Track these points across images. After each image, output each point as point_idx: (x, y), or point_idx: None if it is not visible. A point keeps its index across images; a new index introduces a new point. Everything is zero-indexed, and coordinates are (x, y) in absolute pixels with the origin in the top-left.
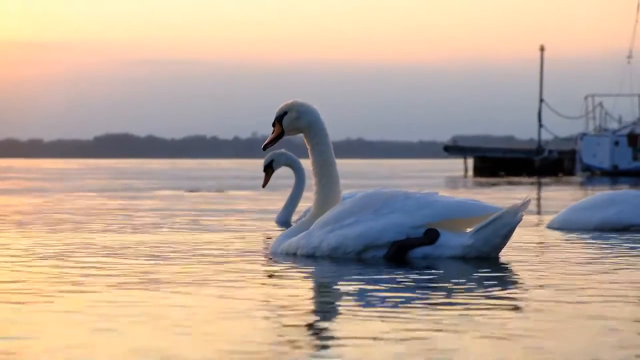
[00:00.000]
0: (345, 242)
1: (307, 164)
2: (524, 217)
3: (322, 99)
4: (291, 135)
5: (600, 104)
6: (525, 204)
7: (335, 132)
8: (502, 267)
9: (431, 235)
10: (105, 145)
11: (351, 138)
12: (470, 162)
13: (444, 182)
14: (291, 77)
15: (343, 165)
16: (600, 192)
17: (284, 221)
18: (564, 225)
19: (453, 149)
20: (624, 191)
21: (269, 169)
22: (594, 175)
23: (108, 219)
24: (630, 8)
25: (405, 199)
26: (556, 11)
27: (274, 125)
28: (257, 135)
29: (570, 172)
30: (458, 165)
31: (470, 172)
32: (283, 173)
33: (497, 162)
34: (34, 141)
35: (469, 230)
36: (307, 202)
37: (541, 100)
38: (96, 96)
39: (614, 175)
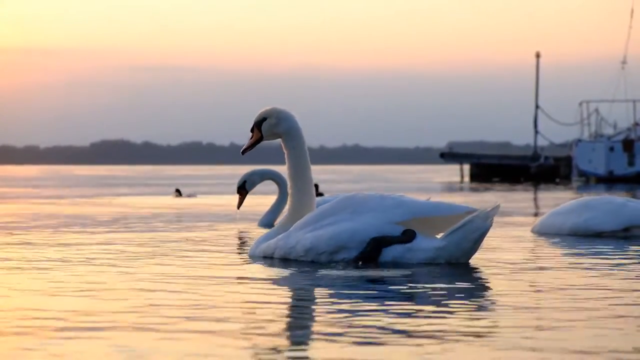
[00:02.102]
0: (319, 243)
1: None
2: (514, 220)
3: (318, 105)
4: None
5: (596, 110)
6: (495, 208)
7: (331, 138)
8: (472, 272)
9: (409, 235)
10: (101, 152)
11: (347, 144)
12: (467, 168)
13: (440, 188)
14: (287, 83)
15: (339, 170)
16: (579, 198)
17: (267, 225)
18: (542, 230)
19: (449, 156)
20: (599, 197)
21: (242, 191)
22: (589, 181)
23: (94, 222)
24: (624, 15)
25: (381, 200)
26: (551, 18)
27: (252, 130)
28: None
29: (567, 179)
30: (454, 171)
31: (467, 178)
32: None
33: (492, 168)
34: (30, 148)
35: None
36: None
37: (537, 107)
38: (92, 102)
39: (610, 181)
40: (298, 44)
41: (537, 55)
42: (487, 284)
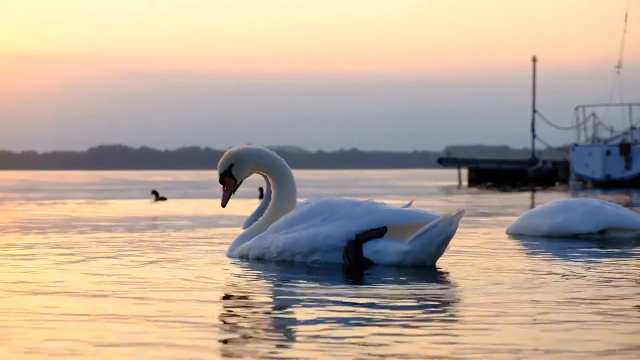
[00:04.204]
0: (294, 245)
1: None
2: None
3: (316, 110)
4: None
5: (593, 114)
6: (460, 213)
7: (329, 143)
8: (441, 273)
9: (379, 230)
10: (99, 157)
11: (345, 149)
12: (465, 172)
13: (438, 193)
14: (285, 88)
15: (337, 175)
16: (555, 200)
17: None
18: (517, 231)
19: (447, 161)
20: (576, 199)
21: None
22: (586, 186)
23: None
24: (619, 19)
25: (353, 207)
26: (548, 23)
27: (222, 181)
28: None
29: (565, 182)
30: (452, 176)
31: (465, 183)
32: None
33: (490, 173)
34: (28, 153)
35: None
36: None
37: (534, 111)
38: (90, 108)
39: (607, 185)
40: (296, 49)
41: (534, 60)
42: (454, 284)
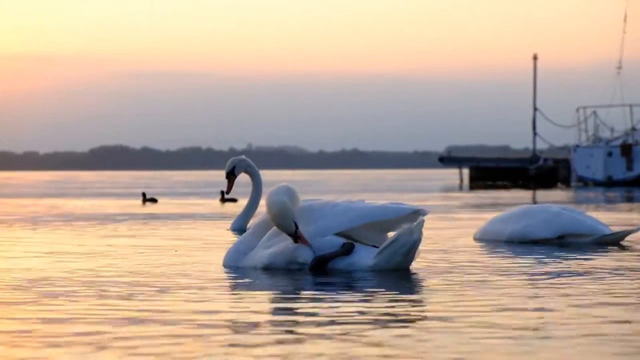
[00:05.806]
0: (275, 259)
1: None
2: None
3: (316, 110)
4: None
5: (594, 113)
6: (420, 223)
7: (330, 143)
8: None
9: (348, 248)
10: (100, 157)
11: (346, 149)
12: (466, 172)
13: (439, 192)
14: (286, 89)
15: (337, 175)
16: (520, 206)
17: (239, 229)
18: (483, 237)
19: (447, 160)
20: (537, 206)
21: (231, 175)
22: (588, 185)
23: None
24: (619, 19)
25: (333, 207)
26: (548, 23)
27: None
28: (252, 146)
29: (566, 181)
30: (453, 175)
31: (466, 182)
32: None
33: (491, 171)
34: (30, 153)
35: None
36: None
37: (535, 109)
38: (91, 108)
39: (609, 186)
40: (297, 50)
41: (535, 58)
42: (418, 287)
